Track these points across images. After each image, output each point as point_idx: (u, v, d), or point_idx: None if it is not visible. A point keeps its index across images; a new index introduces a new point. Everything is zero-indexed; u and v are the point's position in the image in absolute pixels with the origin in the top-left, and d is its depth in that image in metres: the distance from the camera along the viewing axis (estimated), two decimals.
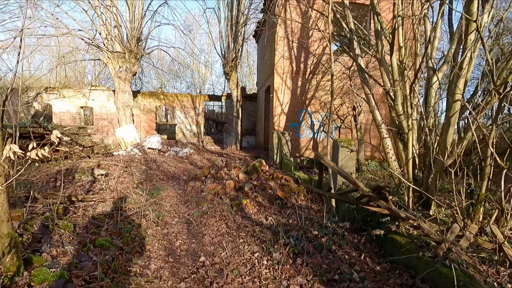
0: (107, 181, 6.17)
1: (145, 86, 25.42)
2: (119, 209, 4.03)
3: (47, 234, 2.68)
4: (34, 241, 2.51)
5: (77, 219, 3.37)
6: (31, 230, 2.61)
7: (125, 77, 12.81)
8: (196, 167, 9.47)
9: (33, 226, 2.69)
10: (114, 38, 12.32)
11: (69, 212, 3.64)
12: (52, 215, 3.10)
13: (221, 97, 16.94)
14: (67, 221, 3.04)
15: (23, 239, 2.41)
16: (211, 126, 23.82)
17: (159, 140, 13.06)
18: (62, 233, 2.77)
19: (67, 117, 15.26)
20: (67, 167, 6.77)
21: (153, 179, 6.90)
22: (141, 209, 4.03)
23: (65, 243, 2.65)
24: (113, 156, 10.14)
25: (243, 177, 5.89)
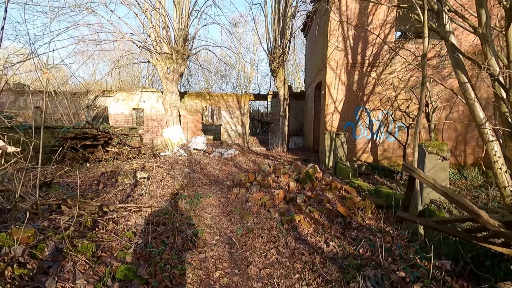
0: (148, 185, 5.82)
1: (193, 88, 25.99)
2: (152, 223, 3.49)
3: (58, 261, 2.16)
4: (40, 271, 2.00)
5: (104, 236, 2.85)
6: (40, 255, 2.09)
7: (172, 78, 12.84)
8: (241, 170, 8.85)
9: (45, 250, 2.18)
10: (162, 39, 12.40)
11: (98, 225, 3.17)
12: (70, 233, 2.61)
13: (267, 96, 16.24)
14: (87, 241, 2.50)
15: (25, 271, 1.89)
16: (256, 127, 23.32)
17: (204, 141, 12.83)
18: (77, 259, 2.22)
19: (121, 119, 16.00)
20: (112, 168, 6.64)
21: (195, 184, 6.41)
22: (176, 224, 3.42)
23: (78, 274, 2.09)
24: (159, 157, 10.06)
25: (294, 186, 5.02)
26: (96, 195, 4.94)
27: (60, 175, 5.84)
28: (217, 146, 13.32)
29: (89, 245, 2.49)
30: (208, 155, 11.59)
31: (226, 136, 15.90)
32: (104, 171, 6.44)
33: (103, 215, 3.49)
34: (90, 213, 3.35)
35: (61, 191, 4.85)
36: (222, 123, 16.04)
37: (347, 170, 6.96)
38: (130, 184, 5.80)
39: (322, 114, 10.51)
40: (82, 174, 6.12)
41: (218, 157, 11.44)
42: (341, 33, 9.53)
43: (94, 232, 2.93)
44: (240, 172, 8.41)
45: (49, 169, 5.86)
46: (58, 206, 3.48)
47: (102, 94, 15.80)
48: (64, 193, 4.75)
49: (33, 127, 3.67)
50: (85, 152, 8.33)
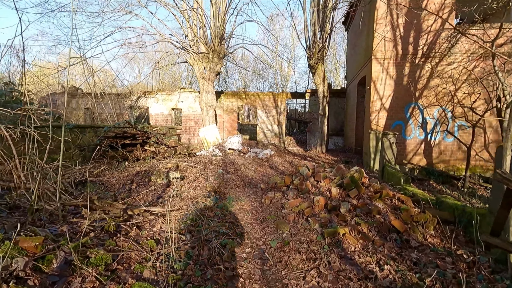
0: (180, 186, 5.62)
1: (230, 88, 26.11)
2: (178, 230, 3.17)
3: (65, 276, 1.89)
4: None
5: (124, 244, 2.58)
6: (46, 269, 1.84)
7: (209, 77, 12.80)
8: (276, 172, 8.37)
9: (52, 262, 1.93)
10: (199, 39, 12.41)
11: (121, 231, 2.93)
12: (88, 241, 2.36)
13: (305, 94, 15.52)
14: (103, 252, 2.23)
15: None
16: (293, 126, 22.64)
17: (239, 141, 12.59)
18: (86, 274, 1.93)
19: (161, 118, 16.49)
20: (147, 168, 6.60)
21: (228, 185, 6.08)
22: (203, 233, 3.06)
23: None
24: (194, 157, 10.00)
25: (336, 192, 4.41)
26: (128, 195, 4.83)
27: (97, 173, 5.90)
28: (252, 146, 13.00)
29: (104, 256, 2.21)
30: (243, 155, 11.30)
31: (262, 135, 15.53)
32: (139, 170, 6.41)
33: (128, 219, 3.26)
34: (114, 217, 3.14)
35: (95, 190, 4.82)
36: (258, 123, 15.71)
37: (398, 175, 6.10)
38: (163, 185, 5.65)
39: (367, 112, 9.59)
40: (118, 172, 6.14)
41: (253, 157, 11.09)
42: (389, 21, 8.55)
43: (114, 239, 2.67)
44: (275, 174, 7.94)
45: (88, 167, 5.96)
46: (85, 208, 3.33)
47: (143, 95, 16.43)
48: (97, 193, 4.71)
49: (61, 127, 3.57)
50: (123, 151, 8.51)
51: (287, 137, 17.49)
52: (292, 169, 9.05)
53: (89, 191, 4.33)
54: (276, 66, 25.22)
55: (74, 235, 2.57)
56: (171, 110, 16.40)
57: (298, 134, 19.67)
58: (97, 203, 3.47)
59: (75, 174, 5.36)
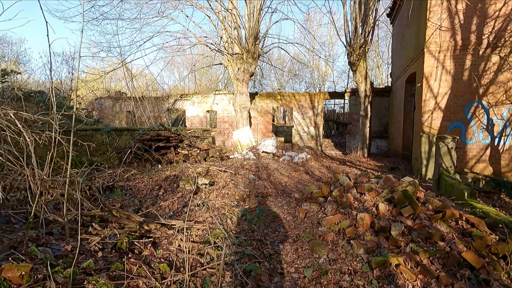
0: (208, 193, 5.29)
1: (265, 89, 25.75)
2: (198, 250, 2.77)
3: None
4: None
5: (133, 268, 2.24)
6: None
7: (243, 78, 12.52)
8: (312, 179, 7.72)
9: None
10: (233, 40, 12.20)
11: (134, 249, 2.61)
12: (91, 264, 2.04)
13: (344, 93, 14.52)
14: (104, 280, 1.89)
15: None
16: (331, 128, 21.54)
17: (274, 144, 12.09)
18: None
19: (196, 121, 16.64)
20: (176, 172, 6.40)
21: (259, 193, 5.61)
22: (223, 257, 2.62)
23: None
24: (227, 160, 9.73)
25: (385, 209, 3.70)
26: (154, 202, 4.61)
27: (128, 177, 5.82)
28: (287, 149, 12.41)
29: (104, 287, 1.87)
30: (278, 158, 10.78)
31: (298, 138, 14.86)
32: (168, 174, 6.24)
33: (145, 233, 2.94)
34: (129, 232, 2.84)
35: (121, 196, 4.68)
36: (294, 125, 15.07)
37: (460, 186, 5.12)
38: (190, 191, 5.37)
39: (417, 112, 8.49)
40: (148, 177, 6.02)
41: (288, 161, 10.52)
42: (445, 7, 7.43)
43: (123, 260, 2.34)
44: (311, 181, 7.30)
45: (118, 171, 5.92)
46: (101, 219, 3.10)
47: (180, 97, 16.74)
48: (122, 199, 4.55)
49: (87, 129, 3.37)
50: (155, 154, 8.52)
51: (325, 140, 16.57)
52: (330, 176, 8.31)
53: (120, 195, 4.14)
54: (313, 66, 24.27)
55: (80, 254, 2.28)
56: (206, 112, 16.47)
57: (337, 136, 18.59)
58: (116, 214, 3.22)
59: (104, 178, 5.31)
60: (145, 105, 14.50)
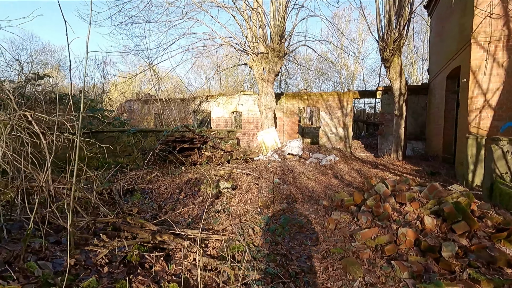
0: (230, 198, 5.01)
1: (291, 89, 25.20)
2: (213, 266, 2.47)
3: None
4: None
5: (140, 287, 1.98)
6: None
7: (268, 78, 12.19)
8: (342, 183, 7.18)
9: None
10: (258, 39, 11.91)
11: (144, 263, 2.36)
12: (92, 283, 1.80)
13: (375, 92, 13.65)
14: None
15: None
16: (360, 129, 20.51)
17: (300, 145, 11.61)
18: None
19: (221, 122, 16.58)
20: (198, 175, 6.21)
21: (284, 199, 5.23)
22: (240, 280, 2.29)
23: None
24: (251, 162, 9.44)
25: (432, 224, 3.16)
26: (173, 207, 4.41)
27: (150, 180, 5.71)
28: (314, 151, 11.87)
29: None
30: (304, 161, 10.29)
31: (325, 139, 14.22)
32: (190, 177, 6.05)
33: (158, 244, 2.69)
34: (141, 243, 2.61)
35: (140, 200, 4.53)
36: (321, 125, 14.45)
37: None
38: (212, 195, 5.12)
39: (462, 111, 7.61)
40: (169, 180, 5.87)
41: (315, 164, 10.00)
42: None
43: (131, 278, 2.09)
44: (341, 187, 6.77)
45: (141, 173, 5.83)
46: (114, 227, 2.90)
47: (205, 99, 16.78)
48: (141, 203, 4.39)
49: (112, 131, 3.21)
50: (179, 156, 8.44)
51: (354, 141, 15.74)
52: (361, 180, 7.71)
53: (132, 200, 3.97)
54: (341, 64, 23.31)
55: (85, 269, 2.06)
56: (231, 114, 16.35)
57: (367, 137, 17.62)
58: (130, 221, 3.01)
59: (126, 181, 5.22)
60: (171, 107, 14.65)
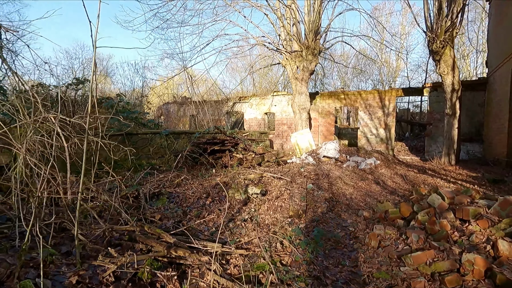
0: (259, 205, 4.66)
1: (326, 89, 24.20)
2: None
3: None
4: None
5: None
6: None
7: (302, 77, 11.66)
8: (385, 190, 6.45)
9: None
10: (292, 36, 11.45)
11: (156, 283, 2.10)
12: None
13: (422, 89, 12.38)
14: None
15: None
16: (404, 130, 18.94)
17: (336, 147, 10.90)
18: None
19: (254, 123, 16.35)
20: (227, 178, 5.95)
21: (318, 208, 4.74)
22: None
23: None
24: (284, 165, 9.02)
25: (509, 250, 2.49)
26: (198, 213, 4.18)
27: (178, 183, 5.58)
28: (352, 154, 11.06)
29: None
30: (341, 164, 9.59)
31: (364, 141, 13.25)
32: (219, 181, 5.82)
33: (174, 259, 2.43)
34: (155, 257, 2.36)
35: (166, 205, 4.37)
36: (360, 126, 13.50)
37: None
38: (240, 201, 4.82)
39: None
40: (198, 183, 5.69)
41: (353, 167, 9.26)
42: None
43: None
44: (383, 194, 6.06)
45: (170, 175, 5.73)
46: (130, 238, 2.70)
47: (239, 100, 16.69)
48: (165, 209, 4.23)
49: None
50: (209, 158, 8.31)
51: (397, 143, 14.49)
52: (407, 188, 6.88)
53: (157, 204, 3.80)
54: (381, 60, 21.77)
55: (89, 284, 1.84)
56: (264, 115, 16.04)
57: (411, 139, 16.16)
58: (147, 230, 2.80)
59: (153, 184, 5.13)
60: (205, 109, 14.77)
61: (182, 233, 3.11)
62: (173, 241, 2.57)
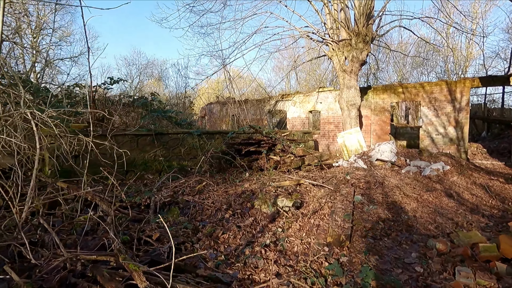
0: (289, 222, 3.70)
1: (381, 84, 21.78)
2: None
3: None
4: None
5: None
6: None
7: (351, 69, 10.24)
8: (462, 207, 4.92)
9: None
10: (340, 23, 10.12)
11: None
12: None
13: (508, 78, 9.92)
14: None
15: None
16: (479, 128, 15.90)
17: (392, 149, 9.27)
18: None
19: (298, 122, 15.23)
20: (258, 185, 5.09)
21: (369, 231, 3.58)
22: None
23: None
24: (327, 170, 7.83)
25: None
26: (212, 230, 3.38)
27: (200, 189, 4.90)
28: (413, 157, 9.31)
29: None
30: (399, 169, 8.02)
31: (428, 142, 11.21)
32: (247, 187, 4.99)
33: None
34: None
35: (177, 219, 3.66)
36: (422, 124, 11.48)
37: None
38: (267, 216, 3.92)
39: None
40: (223, 189, 4.94)
41: (414, 174, 7.64)
42: None
43: None
44: (462, 213, 4.58)
45: (191, 180, 5.09)
46: (93, 276, 2.00)
47: (281, 98, 15.74)
48: (175, 222, 3.52)
49: None
50: (244, 160, 7.55)
51: (471, 144, 12.04)
52: (495, 205, 5.20)
53: (167, 216, 3.12)
54: (450, 47, 18.61)
55: None
56: (309, 113, 14.81)
57: (490, 140, 13.34)
58: (121, 260, 2.07)
59: (169, 191, 4.51)
60: (243, 108, 14.16)
61: (182, 264, 2.33)
62: (143, 286, 1.79)
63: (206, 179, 5.21)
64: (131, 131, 6.50)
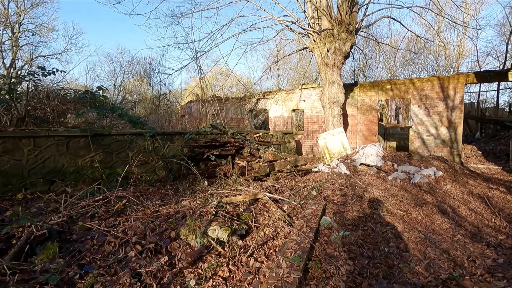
0: (220, 262, 2.55)
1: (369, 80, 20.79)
2: None
3: None
4: None
5: None
6: None
7: (333, 62, 9.14)
8: (460, 230, 3.85)
9: None
10: (321, 11, 9.01)
11: None
12: None
13: (506, 73, 8.96)
14: None
15: None
16: (472, 129, 15.02)
17: (378, 152, 8.21)
18: None
19: (280, 122, 14.10)
20: (198, 202, 3.91)
21: (330, 279, 2.44)
22: None
23: None
24: (304, 176, 6.71)
25: None
26: (93, 283, 2.19)
27: (118, 209, 3.69)
28: (401, 161, 8.27)
29: None
30: (385, 176, 6.94)
31: (419, 144, 10.20)
32: (184, 205, 3.82)
33: None
34: None
35: (47, 261, 2.45)
36: (412, 124, 10.47)
37: None
38: (192, 252, 2.75)
39: None
40: (152, 209, 3.75)
41: (402, 181, 6.58)
42: None
43: None
44: (460, 241, 3.48)
45: (114, 195, 3.87)
46: None
47: (263, 96, 14.58)
48: (42, 268, 2.32)
49: None
50: (204, 165, 6.38)
51: (465, 146, 11.08)
52: (500, 225, 4.13)
53: (37, 257, 1.88)
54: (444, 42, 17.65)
55: None
56: (292, 112, 13.69)
57: (485, 141, 12.43)
58: None
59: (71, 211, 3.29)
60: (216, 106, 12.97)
61: None
62: None
63: (127, 196, 3.99)
64: (59, 132, 5.27)
